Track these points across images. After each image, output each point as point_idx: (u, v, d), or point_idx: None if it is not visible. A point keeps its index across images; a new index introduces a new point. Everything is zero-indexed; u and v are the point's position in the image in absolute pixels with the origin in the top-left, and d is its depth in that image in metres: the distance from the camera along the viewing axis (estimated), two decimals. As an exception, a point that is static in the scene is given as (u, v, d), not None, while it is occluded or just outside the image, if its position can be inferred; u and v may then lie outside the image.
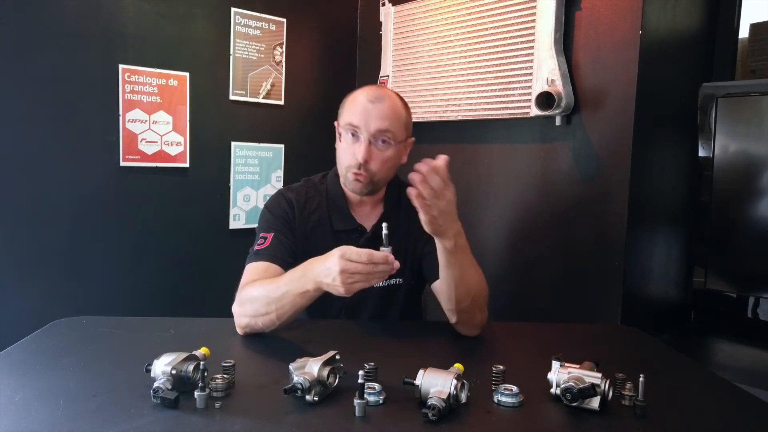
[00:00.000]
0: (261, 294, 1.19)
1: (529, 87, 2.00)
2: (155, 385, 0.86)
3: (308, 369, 0.89)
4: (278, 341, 1.21)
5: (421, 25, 2.38)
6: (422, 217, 1.08)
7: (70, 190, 2.08)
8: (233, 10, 2.39)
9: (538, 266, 2.08)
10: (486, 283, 1.29)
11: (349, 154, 1.34)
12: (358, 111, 1.33)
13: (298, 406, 0.88)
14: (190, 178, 2.35)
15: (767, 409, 0.96)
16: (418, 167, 1.05)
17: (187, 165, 2.33)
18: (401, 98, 1.42)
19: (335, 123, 1.43)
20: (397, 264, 1.06)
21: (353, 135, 1.34)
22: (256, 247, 1.34)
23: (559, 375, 0.91)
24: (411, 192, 1.05)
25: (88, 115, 2.09)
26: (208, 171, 2.39)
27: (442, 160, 1.07)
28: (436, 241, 1.15)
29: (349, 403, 0.86)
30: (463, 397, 0.88)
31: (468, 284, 1.20)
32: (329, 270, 1.06)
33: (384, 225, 1.09)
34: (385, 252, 1.06)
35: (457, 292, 1.20)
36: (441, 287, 1.24)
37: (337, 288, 1.06)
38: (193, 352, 0.93)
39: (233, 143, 2.45)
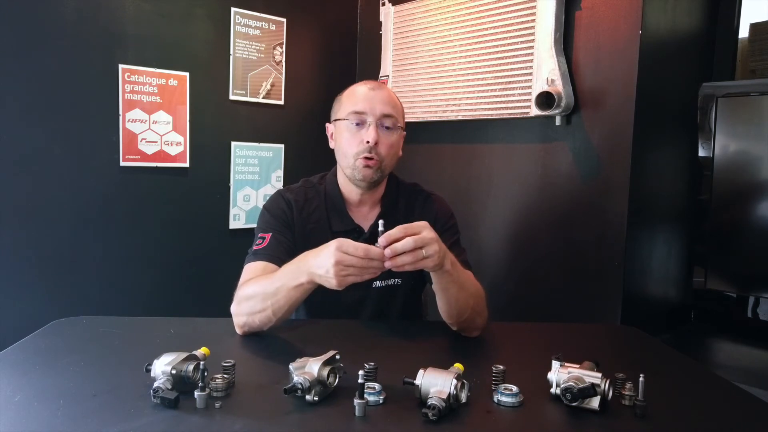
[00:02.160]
0: (256, 291, 1.19)
1: (529, 87, 2.00)
2: (155, 385, 0.85)
3: (308, 369, 0.89)
4: (278, 341, 1.21)
5: (421, 25, 2.38)
6: (426, 267, 1.08)
7: (71, 190, 2.08)
8: (233, 10, 2.39)
9: (538, 266, 2.08)
10: (480, 285, 1.29)
11: (355, 141, 1.35)
12: (362, 98, 1.35)
13: (298, 406, 0.88)
14: (190, 178, 2.35)
15: (767, 409, 0.96)
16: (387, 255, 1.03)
17: (187, 165, 2.33)
18: None
19: (327, 125, 1.43)
20: (390, 263, 1.05)
21: (358, 123, 1.35)
22: (254, 248, 1.34)
23: (559, 375, 0.91)
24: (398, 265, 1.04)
25: (88, 115, 2.09)
26: (208, 171, 2.39)
27: (382, 226, 1.06)
28: (434, 274, 1.15)
29: (349, 403, 0.86)
30: (463, 397, 0.88)
31: (467, 296, 1.21)
32: (324, 261, 1.06)
33: (380, 222, 1.09)
34: (380, 249, 1.05)
35: (458, 307, 1.21)
36: (442, 307, 1.23)
37: (330, 280, 1.06)
38: (193, 352, 0.93)
39: (233, 143, 2.45)
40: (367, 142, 1.32)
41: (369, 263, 1.04)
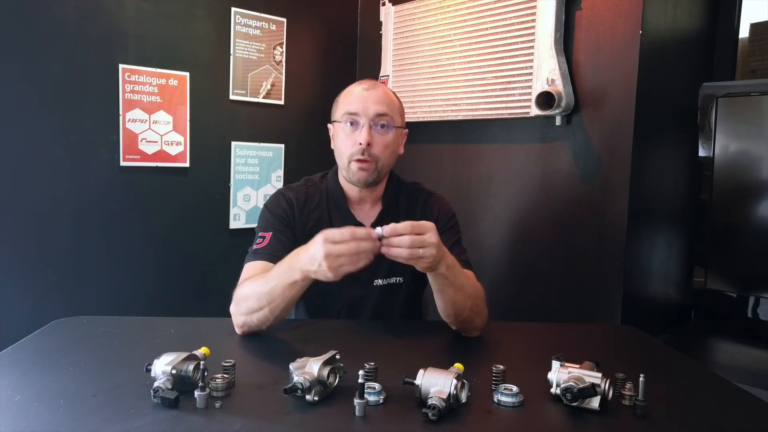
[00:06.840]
0: (253, 290, 1.19)
1: (529, 87, 2.00)
2: (155, 385, 0.85)
3: (308, 369, 0.89)
4: (278, 341, 1.21)
5: (421, 25, 2.38)
6: (418, 266, 1.10)
7: (71, 190, 2.08)
8: (233, 9, 2.39)
9: (538, 266, 2.08)
10: (480, 285, 1.29)
11: (349, 142, 1.35)
12: (355, 99, 1.36)
13: (298, 406, 0.88)
14: (190, 178, 2.35)
15: (767, 409, 0.96)
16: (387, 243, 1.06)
17: (187, 165, 2.33)
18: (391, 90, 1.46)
19: (328, 125, 1.44)
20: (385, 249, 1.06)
21: (352, 124, 1.35)
22: (254, 247, 1.34)
23: (559, 375, 0.91)
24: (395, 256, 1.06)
25: (88, 115, 2.09)
26: (208, 171, 2.39)
27: (381, 230, 1.07)
28: (430, 274, 1.16)
29: (349, 403, 0.86)
30: (463, 397, 0.88)
31: (464, 297, 1.21)
32: (314, 256, 1.05)
33: (378, 228, 1.09)
34: (366, 228, 1.06)
35: (455, 308, 1.21)
36: (439, 305, 1.24)
37: (325, 273, 1.05)
38: (193, 352, 0.93)
39: (233, 143, 2.45)
40: (360, 143, 1.33)
41: (359, 245, 1.04)
